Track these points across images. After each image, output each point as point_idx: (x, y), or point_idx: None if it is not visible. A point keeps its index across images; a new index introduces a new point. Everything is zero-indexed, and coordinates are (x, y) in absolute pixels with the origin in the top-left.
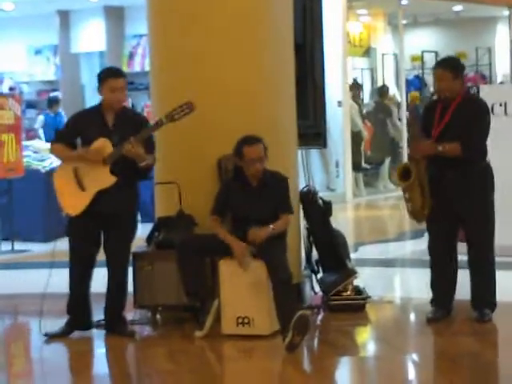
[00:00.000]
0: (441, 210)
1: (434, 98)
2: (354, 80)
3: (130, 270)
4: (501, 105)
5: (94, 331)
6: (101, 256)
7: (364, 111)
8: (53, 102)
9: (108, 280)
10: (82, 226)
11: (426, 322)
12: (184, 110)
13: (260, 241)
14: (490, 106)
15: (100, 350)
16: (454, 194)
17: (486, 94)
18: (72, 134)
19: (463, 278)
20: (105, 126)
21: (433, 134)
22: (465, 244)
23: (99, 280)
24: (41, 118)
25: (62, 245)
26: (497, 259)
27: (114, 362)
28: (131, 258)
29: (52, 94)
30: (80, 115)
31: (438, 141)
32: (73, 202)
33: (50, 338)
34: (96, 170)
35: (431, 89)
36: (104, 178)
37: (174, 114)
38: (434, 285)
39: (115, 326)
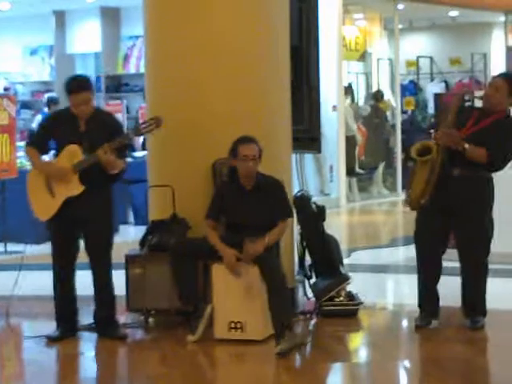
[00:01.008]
0: (435, 209)
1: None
2: (349, 84)
3: (123, 272)
4: None
5: (85, 334)
6: None
7: (359, 114)
8: (51, 103)
9: (93, 284)
10: (59, 230)
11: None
12: (151, 125)
13: (257, 254)
14: None
15: (91, 353)
16: (455, 192)
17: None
18: (45, 137)
19: (455, 285)
20: (77, 130)
21: (460, 133)
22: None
23: (90, 283)
24: (38, 117)
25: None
26: (491, 266)
27: (105, 364)
28: (124, 260)
29: (50, 95)
30: (53, 117)
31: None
32: (43, 207)
33: (44, 340)
34: (66, 178)
35: (426, 95)
36: (72, 186)
37: (140, 127)
38: (421, 289)
39: (106, 329)
